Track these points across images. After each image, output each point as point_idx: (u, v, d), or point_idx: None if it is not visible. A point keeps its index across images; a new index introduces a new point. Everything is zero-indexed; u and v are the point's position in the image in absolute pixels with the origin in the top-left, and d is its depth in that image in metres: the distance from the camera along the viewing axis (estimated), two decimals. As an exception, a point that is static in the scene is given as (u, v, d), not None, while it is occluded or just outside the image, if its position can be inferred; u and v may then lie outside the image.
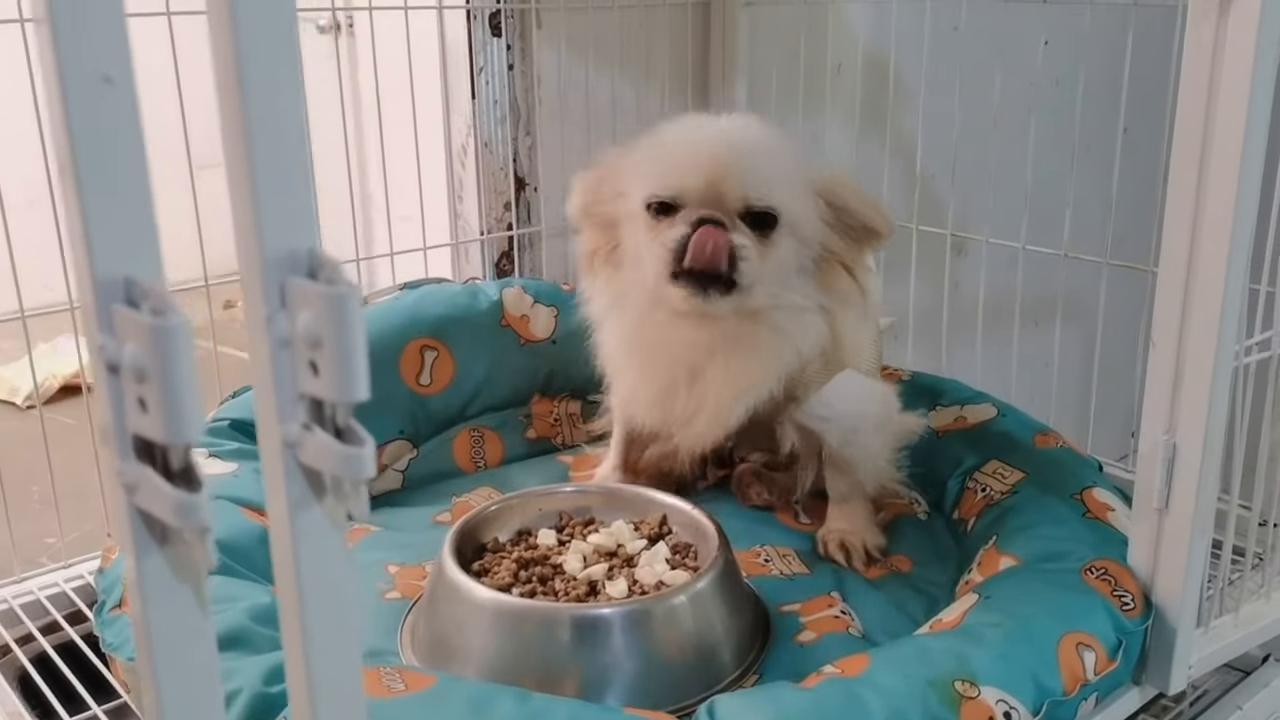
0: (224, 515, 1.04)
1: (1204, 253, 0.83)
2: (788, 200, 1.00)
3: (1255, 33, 0.78)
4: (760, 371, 1.06)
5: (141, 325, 0.35)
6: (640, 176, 1.03)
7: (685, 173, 0.99)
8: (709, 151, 0.99)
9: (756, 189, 0.98)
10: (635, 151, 1.06)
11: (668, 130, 1.06)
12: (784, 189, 1.00)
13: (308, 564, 0.42)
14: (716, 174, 0.98)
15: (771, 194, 0.99)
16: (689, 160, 0.99)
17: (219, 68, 0.38)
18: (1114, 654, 0.87)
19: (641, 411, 1.13)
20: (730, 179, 0.98)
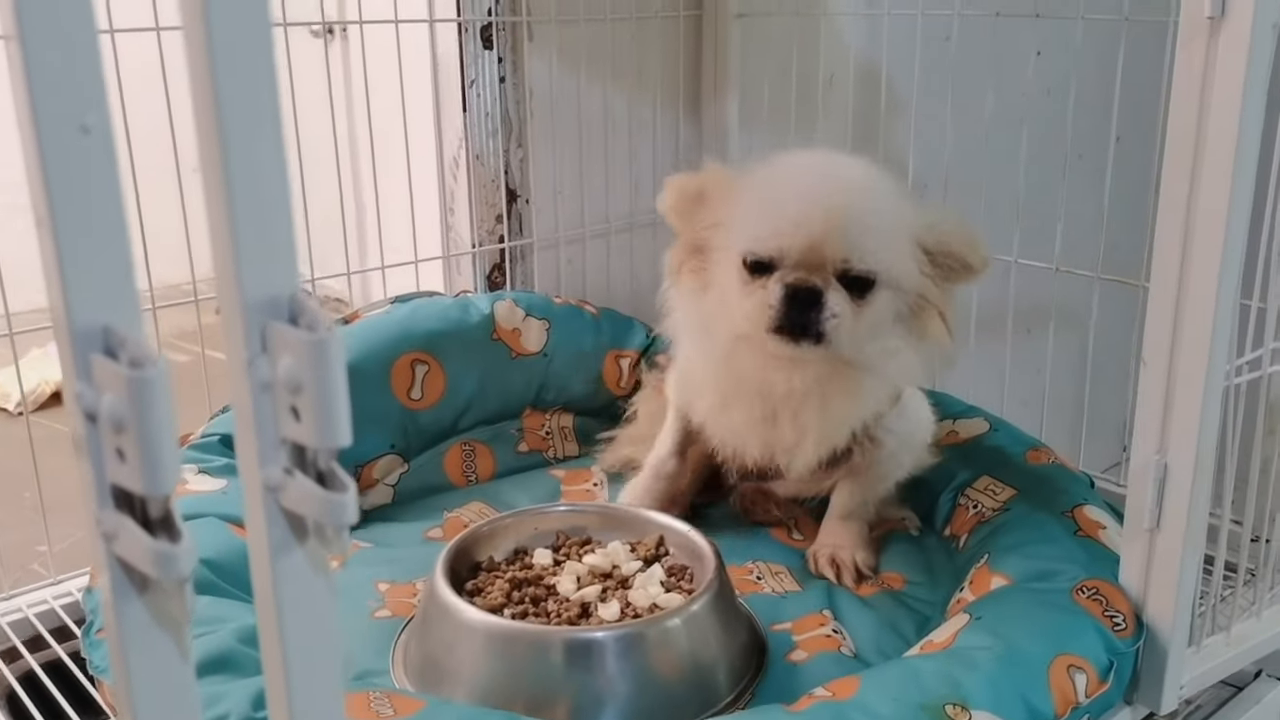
0: (212, 533, 1.03)
1: (1195, 274, 0.83)
2: (888, 260, 0.97)
3: (1245, 52, 0.78)
4: (854, 409, 1.06)
5: (119, 376, 0.35)
6: (743, 222, 1.00)
7: (785, 235, 0.96)
8: (811, 213, 0.96)
9: (857, 255, 0.96)
10: (742, 182, 1.03)
11: (777, 172, 1.02)
12: (886, 250, 0.97)
13: (290, 608, 0.42)
14: (817, 238, 0.95)
15: (871, 258, 0.96)
16: (790, 221, 0.96)
17: (200, 119, 0.37)
18: (1105, 675, 0.86)
19: (724, 434, 1.11)
20: (831, 244, 0.95)
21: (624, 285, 1.61)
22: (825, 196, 0.97)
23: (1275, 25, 0.81)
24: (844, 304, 0.96)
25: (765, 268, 0.98)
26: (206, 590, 0.96)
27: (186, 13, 0.37)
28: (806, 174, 1.01)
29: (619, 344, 1.43)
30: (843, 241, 0.95)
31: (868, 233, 0.96)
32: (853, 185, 1.00)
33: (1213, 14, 0.78)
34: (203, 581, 0.97)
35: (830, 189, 0.98)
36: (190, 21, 0.36)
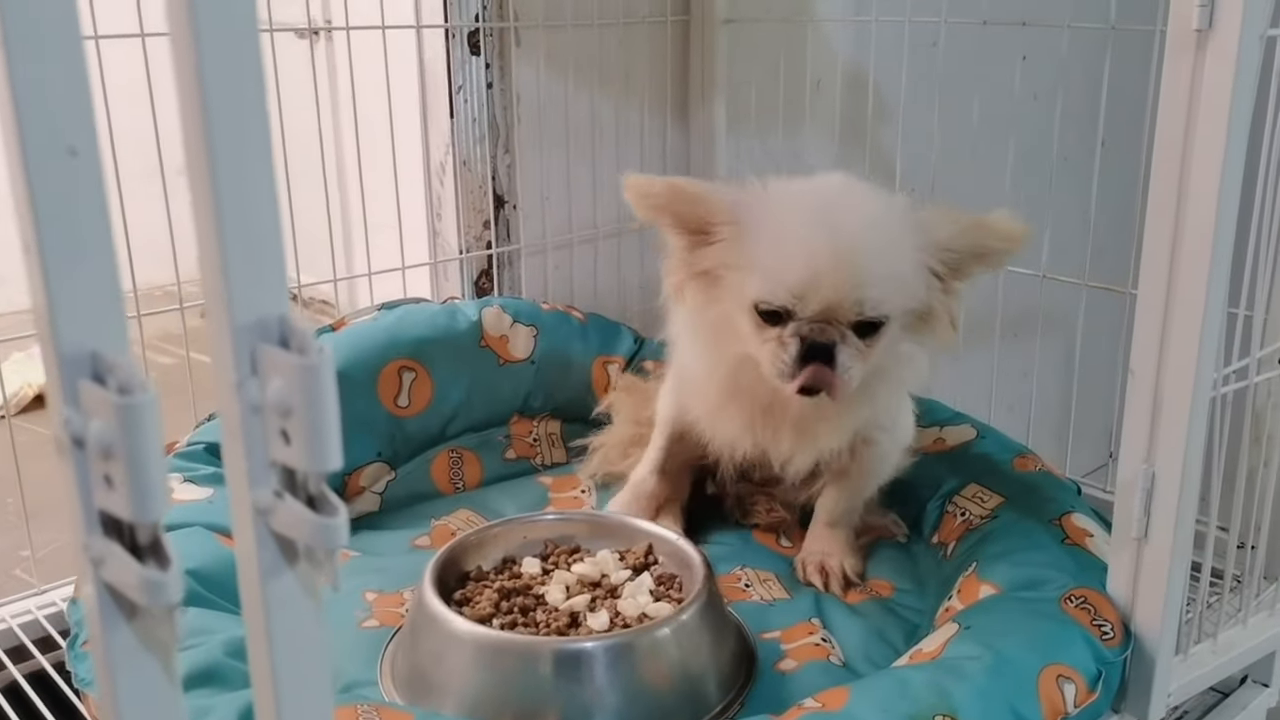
0: (198, 543, 1.03)
1: (1182, 285, 0.83)
2: (902, 299, 0.97)
3: (1233, 65, 0.78)
4: (861, 414, 1.06)
5: (107, 402, 0.35)
6: (755, 270, 0.97)
7: (799, 290, 0.95)
8: (825, 266, 0.94)
9: (871, 304, 0.95)
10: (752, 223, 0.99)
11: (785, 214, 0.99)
12: (899, 289, 0.97)
13: (280, 631, 0.42)
14: (831, 293, 0.94)
15: (885, 304, 0.96)
16: (804, 275, 0.94)
17: (189, 137, 0.37)
18: (1094, 685, 0.87)
19: (720, 435, 1.11)
20: (845, 298, 0.94)
21: (611, 291, 1.61)
22: (839, 248, 0.95)
23: (1262, 37, 0.82)
24: (855, 354, 0.96)
25: (778, 318, 0.97)
26: (193, 602, 0.96)
27: (174, 23, 0.36)
28: (818, 220, 0.97)
29: (607, 350, 1.43)
30: (857, 294, 0.95)
31: (882, 281, 0.95)
32: (865, 230, 0.97)
33: (1200, 27, 0.79)
34: (189, 593, 0.96)
35: (843, 237, 0.95)
36: (178, 31, 0.36)
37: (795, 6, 1.62)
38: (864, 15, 1.57)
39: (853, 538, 1.16)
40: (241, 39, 0.37)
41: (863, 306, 0.95)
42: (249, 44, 0.37)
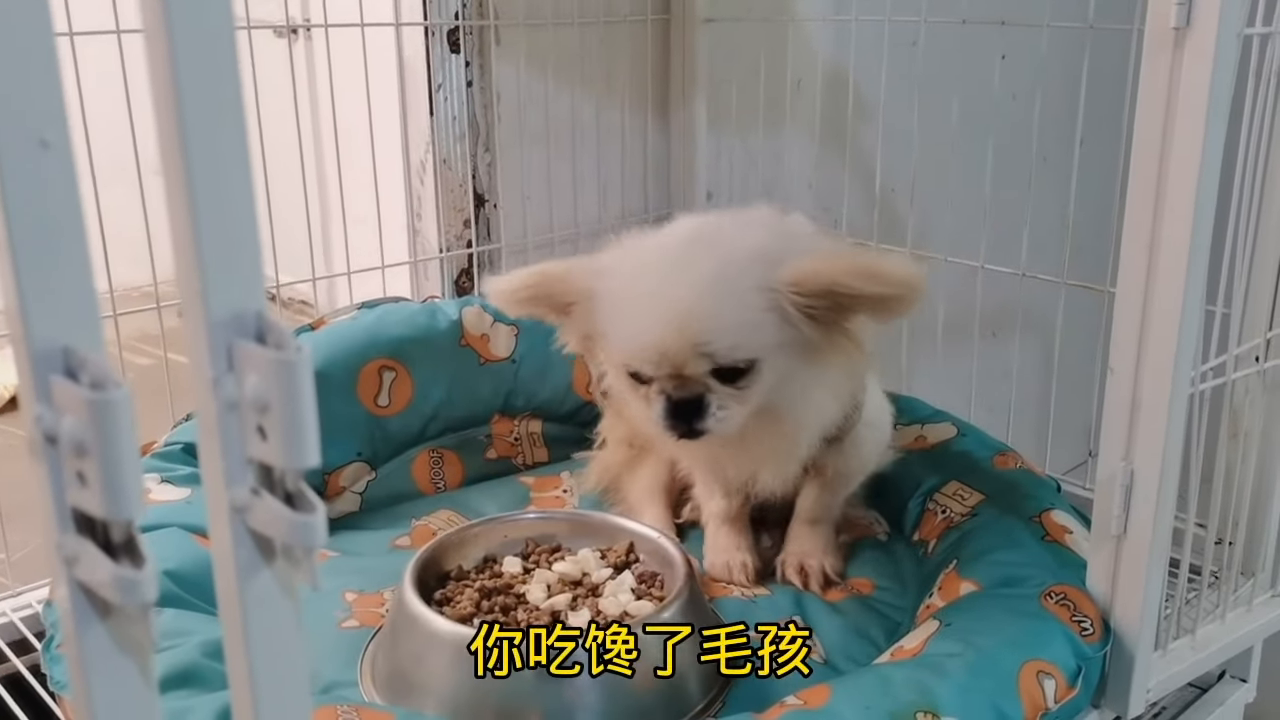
0: (175, 543, 1.02)
1: (1160, 285, 0.83)
2: (760, 340, 0.93)
3: (1210, 63, 0.79)
4: (790, 438, 1.03)
5: (80, 398, 0.34)
6: (607, 339, 0.98)
7: (646, 354, 0.94)
8: (663, 328, 0.92)
9: (725, 351, 0.93)
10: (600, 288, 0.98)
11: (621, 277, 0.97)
12: (753, 333, 0.93)
13: (257, 630, 0.41)
14: (676, 353, 0.92)
15: (741, 346, 0.93)
16: (646, 340, 0.93)
17: (163, 133, 0.36)
18: (1074, 681, 0.87)
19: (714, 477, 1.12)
20: (688, 353, 0.92)
21: (593, 290, 1.60)
22: (672, 307, 0.92)
23: (1239, 36, 0.82)
24: (728, 397, 0.94)
25: (644, 378, 0.96)
26: (170, 603, 0.95)
27: (149, 19, 0.36)
28: (653, 279, 0.95)
29: (588, 349, 1.43)
30: (702, 349, 0.92)
31: (727, 329, 0.92)
32: (700, 283, 0.93)
33: (1178, 25, 0.79)
34: (167, 594, 0.95)
35: (677, 294, 0.93)
36: (152, 26, 0.36)
37: (776, 6, 1.63)
38: (844, 15, 1.57)
39: (833, 535, 1.16)
40: (217, 33, 0.37)
41: (713, 358, 0.93)
42: (224, 37, 0.37)
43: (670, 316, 0.92)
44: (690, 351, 0.93)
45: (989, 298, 1.43)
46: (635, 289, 0.96)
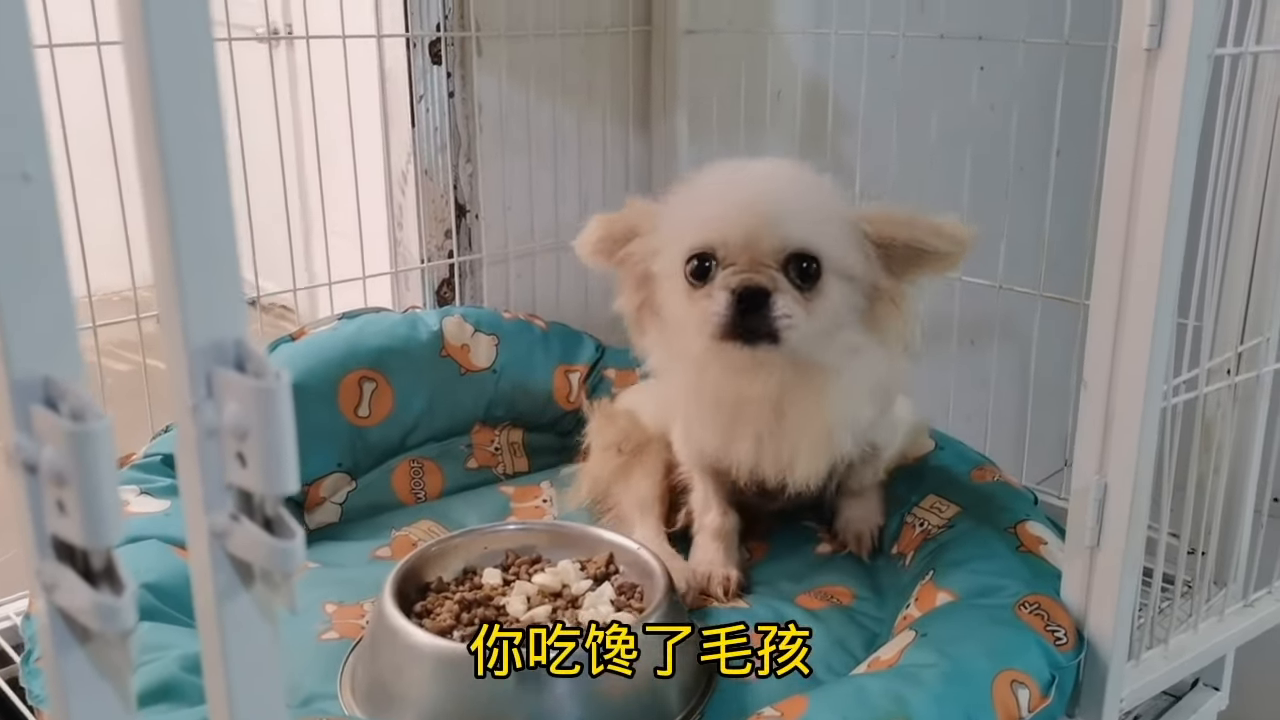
0: (154, 556, 1.02)
1: (1133, 302, 0.85)
2: (830, 243, 0.95)
3: (1181, 83, 0.80)
4: (830, 412, 1.04)
5: (60, 429, 0.34)
6: (675, 232, 0.98)
7: (720, 225, 0.94)
8: (743, 201, 0.95)
9: (795, 235, 0.93)
10: (668, 204, 1.02)
11: (701, 180, 1.01)
12: (825, 231, 0.95)
13: (236, 655, 0.42)
14: (752, 223, 0.93)
15: (812, 237, 0.94)
16: (724, 211, 0.95)
17: (144, 160, 0.37)
18: (1047, 690, 0.88)
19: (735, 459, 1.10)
20: (768, 226, 0.93)
21: (574, 300, 1.61)
22: (753, 187, 0.97)
23: (1210, 56, 0.84)
24: (793, 300, 0.94)
25: (706, 272, 0.96)
26: (149, 616, 0.95)
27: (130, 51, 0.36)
28: (731, 174, 1.01)
29: (568, 359, 1.43)
30: (780, 224, 0.93)
31: (801, 214, 0.95)
32: (779, 176, 1.00)
33: (1150, 46, 0.80)
34: (145, 607, 0.95)
35: (759, 180, 0.99)
36: (133, 55, 0.36)
37: (756, 18, 1.64)
38: (824, 27, 1.58)
39: (881, 501, 1.21)
40: (197, 53, 0.37)
41: (788, 239, 0.94)
42: (205, 61, 0.37)
43: (755, 194, 0.96)
44: (773, 227, 0.93)
45: (967, 308, 1.44)
46: (716, 181, 1.00)
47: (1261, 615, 1.10)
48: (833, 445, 1.07)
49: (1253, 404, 1.08)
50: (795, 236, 0.94)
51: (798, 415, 1.04)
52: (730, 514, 1.17)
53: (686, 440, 1.17)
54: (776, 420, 1.05)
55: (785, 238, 0.94)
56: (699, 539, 1.17)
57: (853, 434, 1.08)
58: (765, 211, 0.94)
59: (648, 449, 1.25)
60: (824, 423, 1.05)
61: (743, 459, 1.09)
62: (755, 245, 0.94)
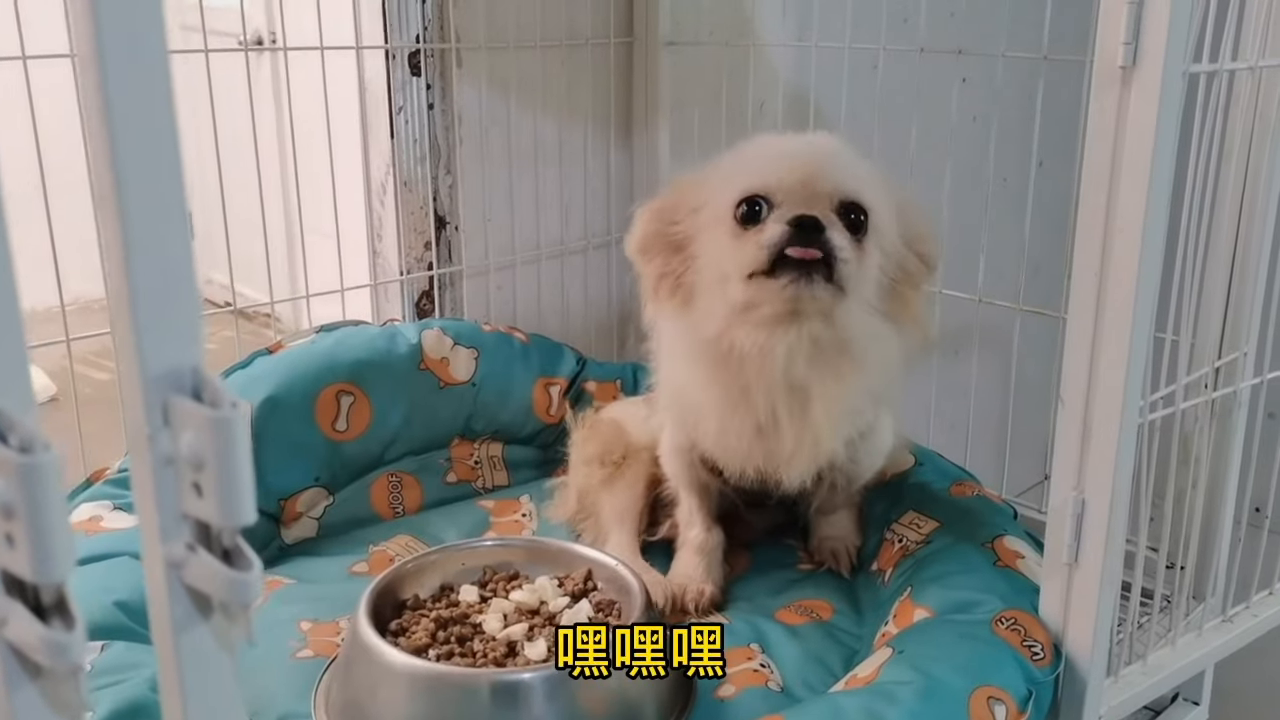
0: (126, 573, 1.01)
1: (1110, 319, 0.85)
2: (878, 204, 0.99)
3: (1156, 100, 0.80)
4: (845, 398, 1.03)
5: (8, 462, 0.34)
6: (729, 180, 1.00)
7: (779, 167, 0.97)
8: (800, 150, 1.00)
9: (850, 183, 0.97)
10: (715, 168, 1.05)
11: (750, 143, 1.06)
12: (874, 192, 0.99)
13: (194, 688, 0.41)
14: (810, 168, 0.97)
15: (864, 190, 0.98)
16: (782, 157, 0.99)
17: (100, 188, 0.36)
18: (1024, 705, 0.88)
19: (728, 454, 1.08)
20: (824, 172, 0.97)
21: (555, 312, 1.61)
22: (808, 140, 1.03)
23: (1184, 74, 0.84)
24: (846, 241, 0.95)
25: (757, 216, 0.96)
26: (120, 635, 0.94)
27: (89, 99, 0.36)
28: (784, 135, 1.06)
29: (548, 371, 1.43)
30: (835, 172, 0.97)
31: (853, 169, 0.99)
32: (833, 141, 1.04)
33: (1125, 63, 0.80)
34: (116, 625, 0.94)
35: (810, 138, 1.04)
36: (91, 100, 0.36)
37: (737, 30, 1.64)
38: (805, 40, 1.59)
39: (857, 518, 1.21)
40: (152, 77, 0.37)
41: (841, 185, 0.97)
42: (161, 88, 0.37)
43: (810, 146, 1.01)
44: (827, 172, 0.97)
45: (949, 320, 1.44)
46: (768, 140, 1.06)
47: (1240, 630, 1.10)
48: (831, 440, 1.06)
49: (1230, 419, 1.08)
50: (849, 185, 0.97)
51: (813, 397, 1.02)
52: (715, 530, 1.17)
53: (675, 453, 1.16)
54: (786, 403, 1.02)
55: (839, 184, 0.97)
56: (681, 553, 1.17)
57: (844, 439, 1.07)
58: (820, 160, 0.98)
59: (632, 461, 1.24)
60: (834, 414, 1.04)
61: (738, 453, 1.07)
62: (810, 187, 0.97)
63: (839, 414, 1.04)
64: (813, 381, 1.00)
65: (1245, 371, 1.06)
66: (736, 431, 1.05)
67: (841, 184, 0.97)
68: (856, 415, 1.07)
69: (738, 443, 1.06)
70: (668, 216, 1.05)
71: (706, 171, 1.05)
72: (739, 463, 1.08)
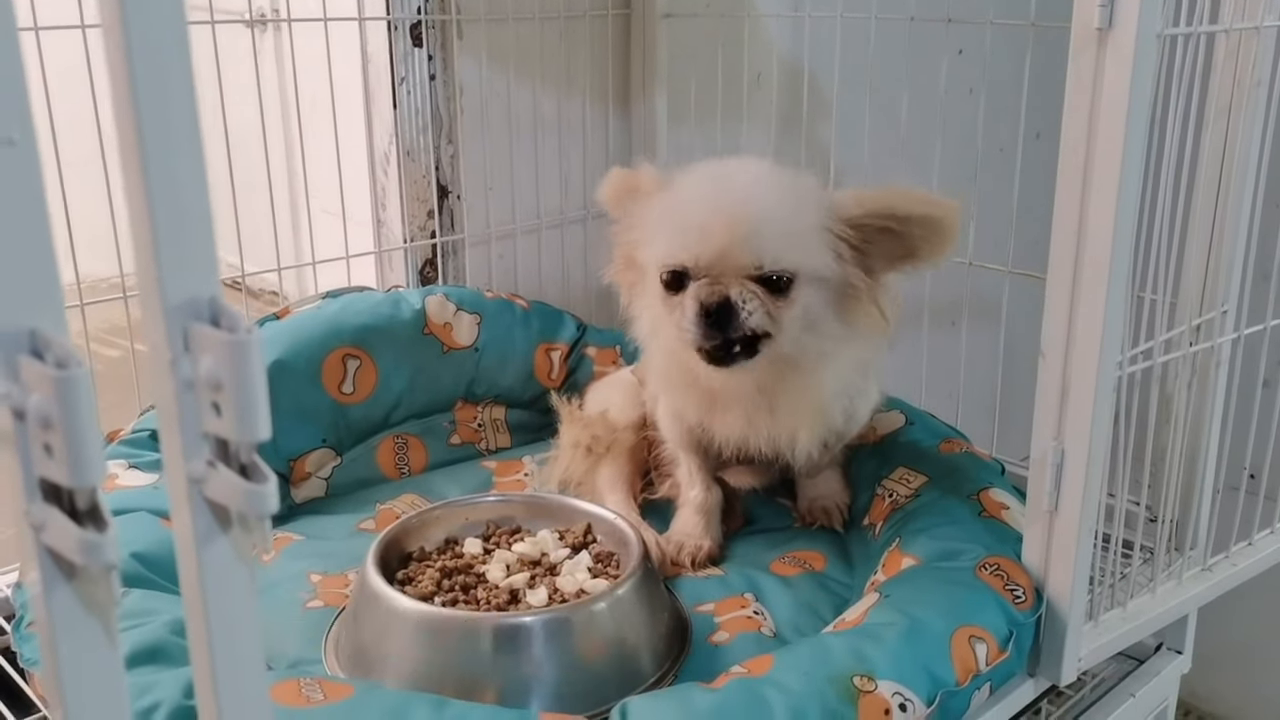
0: (143, 527, 1.04)
1: (1087, 272, 0.88)
2: (802, 255, 0.98)
3: (1130, 62, 0.83)
4: (820, 395, 1.07)
5: (46, 376, 0.37)
6: (655, 237, 1.01)
7: (694, 243, 0.97)
8: (715, 221, 0.97)
9: (769, 257, 0.96)
10: (656, 201, 1.04)
11: (683, 185, 1.03)
12: (798, 244, 0.98)
13: (214, 597, 0.44)
14: (724, 243, 0.96)
15: (785, 256, 0.97)
16: (695, 230, 0.97)
17: (119, 120, 0.39)
18: (1005, 644, 0.91)
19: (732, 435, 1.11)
20: (738, 247, 0.96)
21: (555, 279, 1.64)
22: (727, 202, 0.98)
23: (1160, 36, 0.86)
24: (763, 308, 0.97)
25: (680, 282, 0.99)
26: (137, 583, 0.98)
27: (105, 14, 0.39)
28: (710, 182, 1.02)
29: (549, 337, 1.46)
30: (750, 245, 0.96)
31: (774, 234, 0.97)
32: (755, 188, 1.01)
33: (1101, 26, 0.83)
34: (134, 575, 0.98)
35: (732, 194, 0.99)
36: (109, 22, 0.39)
37: (733, 1, 1.66)
38: (799, 10, 1.61)
39: (842, 476, 1.24)
40: (170, 22, 0.40)
41: (760, 258, 0.96)
42: (177, 27, 0.40)
43: (731, 212, 0.97)
44: (743, 245, 0.96)
45: (943, 288, 1.47)
46: (692, 190, 1.02)
47: (1219, 579, 1.13)
48: (827, 419, 1.11)
49: (1209, 376, 1.11)
50: (767, 255, 0.97)
51: (786, 401, 1.07)
52: (714, 489, 1.20)
53: (671, 417, 1.20)
54: (766, 406, 1.08)
55: (757, 256, 0.97)
56: (682, 512, 1.21)
57: (841, 404, 1.12)
58: (737, 231, 0.96)
59: (618, 444, 1.28)
60: (814, 404, 1.08)
61: (731, 434, 1.11)
62: (726, 262, 0.97)
63: (823, 401, 1.08)
64: (780, 391, 1.06)
65: (1224, 328, 1.09)
66: (724, 420, 1.10)
67: (759, 255, 0.96)
68: (844, 389, 1.11)
69: (729, 426, 1.11)
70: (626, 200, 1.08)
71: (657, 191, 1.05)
72: (736, 441, 1.12)
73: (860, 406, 1.18)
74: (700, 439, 1.18)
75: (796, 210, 1.00)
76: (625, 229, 1.08)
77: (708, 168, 1.06)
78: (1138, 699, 1.15)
